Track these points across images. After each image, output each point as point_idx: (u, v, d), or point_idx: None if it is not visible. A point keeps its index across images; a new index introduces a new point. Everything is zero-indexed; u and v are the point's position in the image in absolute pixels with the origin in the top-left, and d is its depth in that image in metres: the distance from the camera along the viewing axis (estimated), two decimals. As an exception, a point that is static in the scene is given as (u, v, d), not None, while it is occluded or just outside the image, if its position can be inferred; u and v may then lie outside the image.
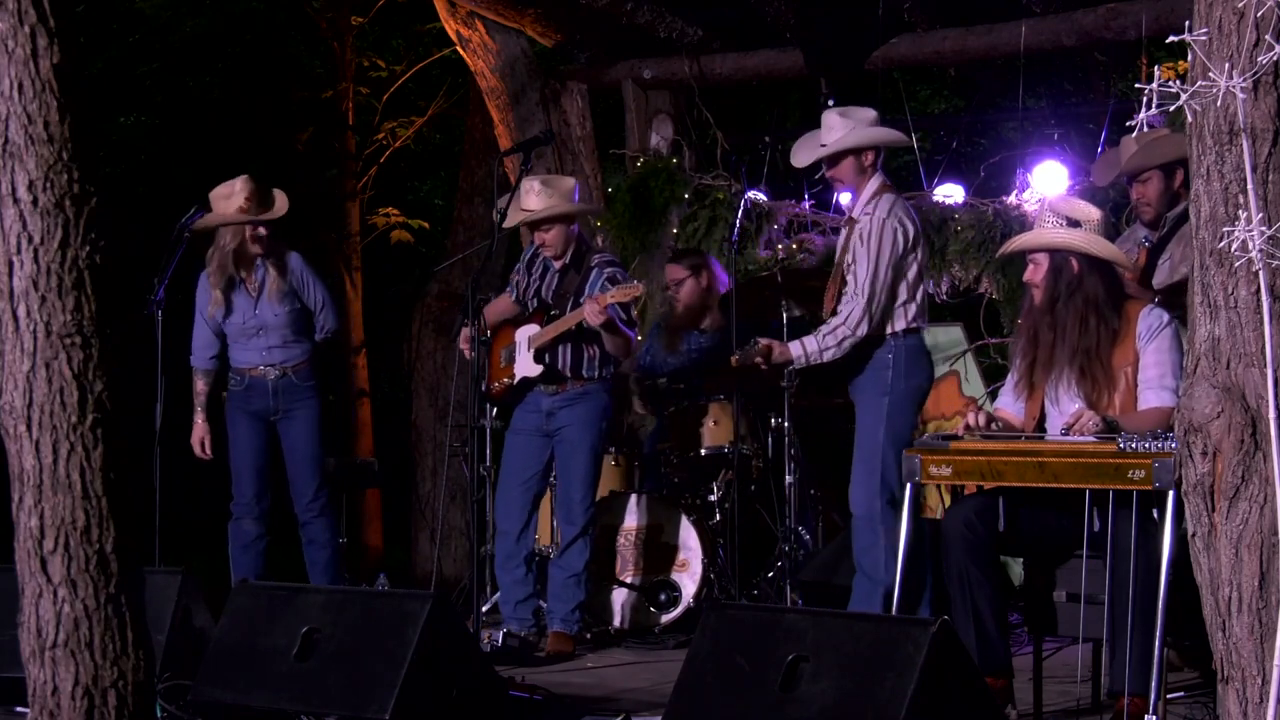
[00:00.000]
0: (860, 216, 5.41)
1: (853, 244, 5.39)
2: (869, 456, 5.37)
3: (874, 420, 5.38)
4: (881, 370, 5.38)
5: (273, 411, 6.35)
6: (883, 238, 5.32)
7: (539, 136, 6.38)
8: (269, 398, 6.34)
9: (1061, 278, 4.57)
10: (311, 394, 6.37)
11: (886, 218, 5.35)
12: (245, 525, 6.39)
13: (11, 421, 3.60)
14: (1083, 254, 4.58)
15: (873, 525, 5.34)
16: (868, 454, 5.38)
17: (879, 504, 5.32)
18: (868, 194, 5.44)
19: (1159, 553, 4.09)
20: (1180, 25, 3.18)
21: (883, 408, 5.36)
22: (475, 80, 8.38)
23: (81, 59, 3.66)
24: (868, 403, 5.40)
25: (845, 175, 5.49)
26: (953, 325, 7.39)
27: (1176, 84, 3.12)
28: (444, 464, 8.64)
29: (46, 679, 3.58)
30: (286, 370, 6.34)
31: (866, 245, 5.33)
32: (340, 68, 10.91)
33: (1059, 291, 4.57)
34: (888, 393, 5.37)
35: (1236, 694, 3.16)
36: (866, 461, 5.38)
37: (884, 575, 5.28)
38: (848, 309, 5.32)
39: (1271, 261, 3.08)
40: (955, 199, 7.40)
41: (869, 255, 5.32)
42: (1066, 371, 4.56)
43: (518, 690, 4.75)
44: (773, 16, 7.60)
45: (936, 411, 7.22)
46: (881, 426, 5.36)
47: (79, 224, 3.58)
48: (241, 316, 6.31)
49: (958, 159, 8.63)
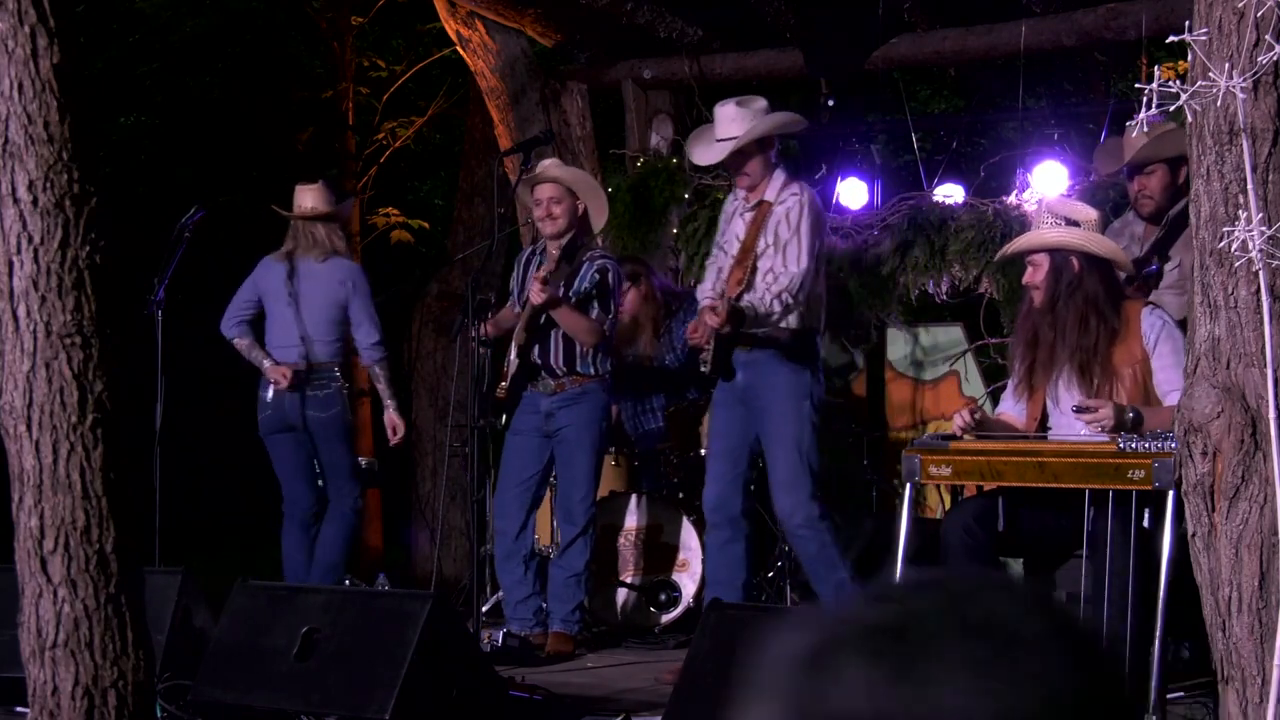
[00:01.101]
0: (782, 199, 5.43)
1: (773, 226, 5.40)
2: (794, 461, 5.37)
3: (796, 428, 5.38)
4: (802, 374, 5.42)
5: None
6: (810, 219, 5.39)
7: (539, 136, 6.38)
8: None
9: (1062, 277, 4.56)
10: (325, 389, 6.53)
11: (809, 202, 5.42)
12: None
13: (11, 421, 3.60)
14: (1083, 253, 4.57)
15: (815, 529, 5.37)
16: (792, 459, 5.37)
17: (817, 508, 5.37)
18: (779, 180, 5.50)
19: (1158, 552, 4.09)
20: (1180, 25, 3.18)
21: (804, 411, 5.39)
22: (475, 80, 8.38)
23: (81, 59, 3.66)
24: (787, 406, 5.39)
25: (754, 165, 5.48)
26: (953, 325, 7.39)
27: (1176, 84, 3.12)
28: (444, 464, 8.63)
29: (46, 679, 3.58)
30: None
31: (794, 226, 5.37)
32: (340, 68, 10.91)
33: (1059, 291, 4.56)
34: (808, 396, 5.41)
35: (1236, 694, 3.16)
36: (792, 466, 5.37)
37: (842, 571, 5.38)
38: (787, 277, 5.33)
39: (1271, 261, 3.08)
40: (955, 199, 7.40)
41: (802, 234, 5.36)
42: (1067, 370, 4.56)
43: (518, 690, 4.75)
44: (773, 16, 7.60)
45: (936, 411, 7.22)
46: (804, 431, 5.38)
47: (79, 224, 3.58)
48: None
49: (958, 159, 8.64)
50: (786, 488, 5.39)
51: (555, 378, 5.98)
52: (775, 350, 5.43)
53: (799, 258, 5.36)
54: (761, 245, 5.43)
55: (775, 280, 5.35)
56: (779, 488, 5.42)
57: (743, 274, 5.41)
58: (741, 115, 5.47)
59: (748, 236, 5.48)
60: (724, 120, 5.50)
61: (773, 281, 5.35)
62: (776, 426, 5.42)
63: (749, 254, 5.45)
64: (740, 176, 5.53)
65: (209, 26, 11.36)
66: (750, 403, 5.48)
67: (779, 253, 5.39)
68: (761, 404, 5.44)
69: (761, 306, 5.32)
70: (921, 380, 7.44)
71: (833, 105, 8.09)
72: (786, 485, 5.39)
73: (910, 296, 7.47)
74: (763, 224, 5.43)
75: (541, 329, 5.95)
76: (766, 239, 5.42)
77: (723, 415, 5.60)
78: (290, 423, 6.36)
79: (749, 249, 5.46)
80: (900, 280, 7.39)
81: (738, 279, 5.42)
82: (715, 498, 5.57)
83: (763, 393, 5.43)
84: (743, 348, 5.48)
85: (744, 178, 5.52)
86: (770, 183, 5.51)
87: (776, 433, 5.42)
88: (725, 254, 5.61)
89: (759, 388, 5.44)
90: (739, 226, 5.56)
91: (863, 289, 7.43)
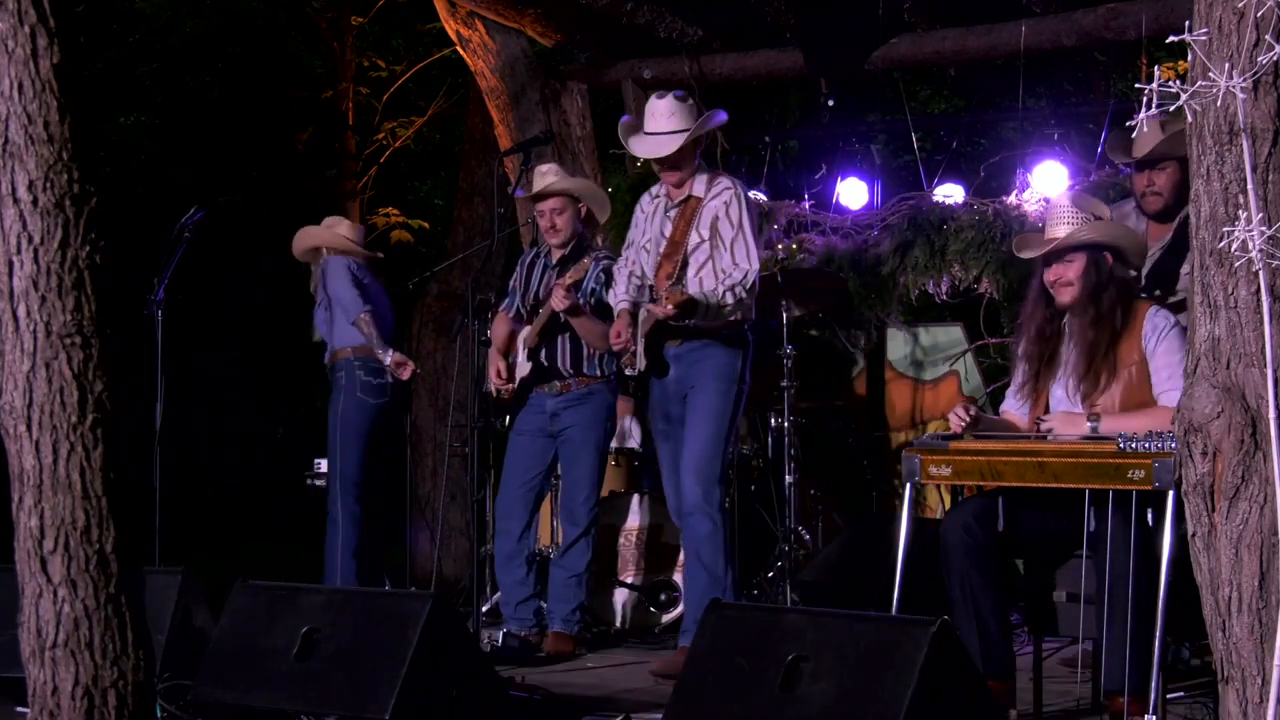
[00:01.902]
0: (714, 194, 5.41)
1: (708, 221, 5.38)
2: (709, 442, 5.32)
3: (721, 405, 5.34)
4: (736, 358, 5.39)
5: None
6: (750, 213, 5.39)
7: (539, 136, 6.37)
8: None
9: (1099, 274, 4.56)
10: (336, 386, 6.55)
11: (745, 195, 5.42)
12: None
13: (11, 421, 3.60)
14: (1115, 248, 4.58)
15: (710, 513, 5.32)
16: (708, 440, 5.32)
17: (718, 492, 5.32)
18: (704, 175, 5.50)
19: (1158, 552, 4.09)
20: (1180, 25, 3.18)
21: (732, 395, 5.36)
22: (475, 80, 8.38)
23: (81, 59, 3.66)
24: (718, 387, 5.35)
25: (687, 160, 5.48)
26: (953, 325, 7.40)
27: (1176, 84, 3.12)
28: (444, 464, 8.63)
29: (46, 679, 3.58)
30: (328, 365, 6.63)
31: (737, 222, 5.35)
32: (340, 68, 10.92)
33: (1095, 288, 4.55)
34: (738, 380, 5.38)
35: (1236, 694, 3.16)
36: (708, 447, 5.32)
37: (724, 571, 5.31)
38: (740, 273, 5.30)
39: (1271, 261, 3.08)
40: (955, 199, 7.40)
41: (746, 228, 5.36)
42: (1073, 369, 4.56)
43: (518, 690, 4.75)
44: (773, 16, 7.60)
45: (936, 411, 7.23)
46: (728, 413, 5.34)
47: (79, 224, 3.58)
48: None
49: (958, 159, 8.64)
50: (696, 468, 5.33)
51: (561, 379, 5.98)
52: (708, 339, 5.41)
53: (749, 255, 5.35)
54: (694, 240, 5.41)
55: (727, 276, 5.32)
56: (688, 465, 5.35)
57: (672, 268, 5.38)
58: (680, 110, 5.46)
59: (676, 231, 5.45)
60: (663, 114, 5.48)
61: (724, 277, 5.32)
62: (701, 403, 5.37)
63: (679, 249, 5.42)
64: (671, 172, 5.51)
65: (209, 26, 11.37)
66: (684, 392, 5.44)
67: (726, 250, 5.37)
68: (692, 385, 5.40)
69: (714, 298, 5.31)
70: (921, 380, 7.44)
71: (833, 105, 8.09)
72: (696, 466, 5.33)
73: (910, 296, 7.48)
74: (693, 219, 5.41)
75: (550, 331, 5.95)
76: (700, 234, 5.40)
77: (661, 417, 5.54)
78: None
79: (678, 243, 5.43)
80: (900, 280, 7.40)
81: (666, 273, 5.39)
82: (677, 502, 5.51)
83: (694, 378, 5.40)
84: (673, 341, 5.44)
85: (674, 174, 5.50)
86: (695, 179, 5.50)
87: (700, 409, 5.37)
88: (647, 253, 5.56)
89: (691, 375, 5.41)
90: (664, 224, 5.52)
91: (863, 289, 7.44)
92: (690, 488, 5.33)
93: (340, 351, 6.52)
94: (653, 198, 5.66)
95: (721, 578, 5.32)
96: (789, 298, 6.64)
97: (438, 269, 8.38)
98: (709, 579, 5.31)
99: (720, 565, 5.31)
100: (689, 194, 5.49)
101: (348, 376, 6.49)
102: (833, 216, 7.69)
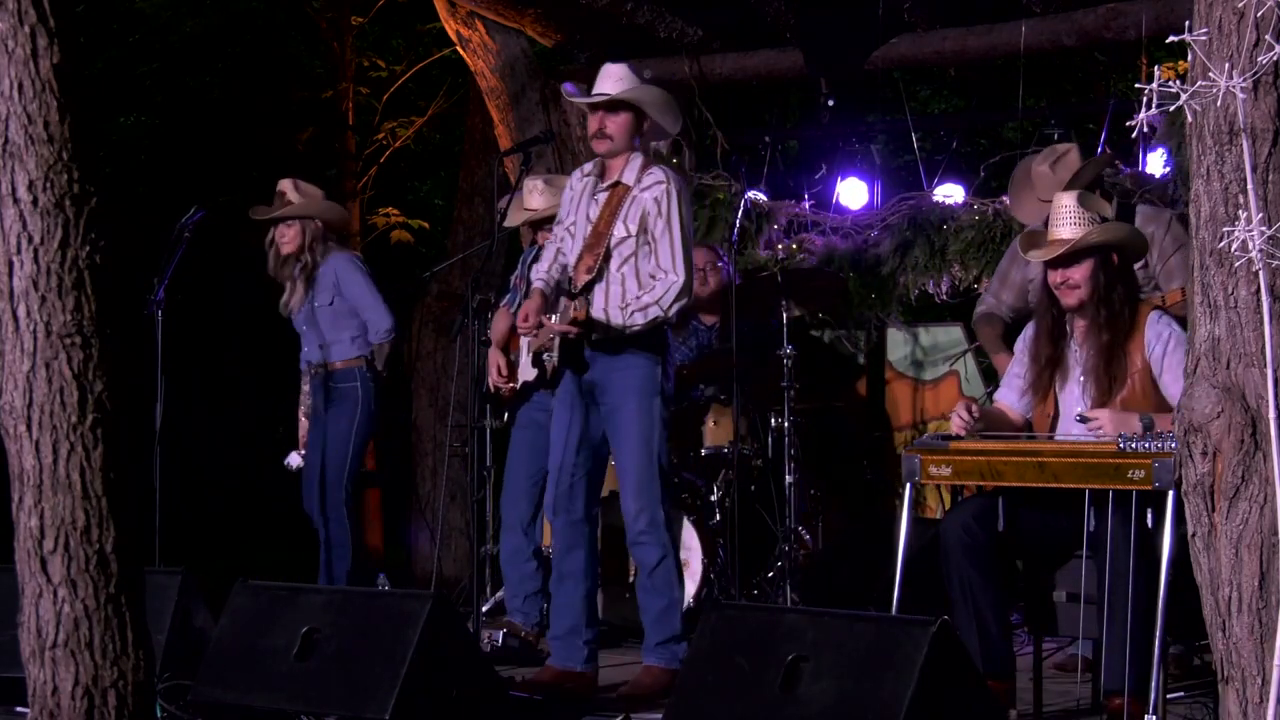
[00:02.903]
0: (645, 185, 5.04)
1: (635, 214, 5.03)
2: (643, 466, 5.03)
3: (645, 424, 5.02)
4: (653, 368, 5.06)
5: (319, 410, 6.41)
6: (686, 209, 5.05)
7: (539, 136, 6.37)
8: (316, 396, 6.43)
9: (1109, 273, 4.55)
10: (345, 397, 6.34)
11: (679, 190, 5.04)
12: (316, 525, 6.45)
13: (11, 421, 3.60)
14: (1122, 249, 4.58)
15: (658, 539, 5.06)
16: (641, 465, 5.03)
17: (661, 513, 5.06)
18: (638, 162, 5.09)
19: (1158, 552, 4.09)
20: (1180, 25, 3.18)
21: (655, 409, 5.04)
22: (475, 80, 8.38)
23: (81, 59, 3.66)
24: (638, 404, 5.03)
25: (621, 127, 5.06)
26: (953, 325, 7.40)
27: (1176, 84, 3.12)
28: (444, 464, 8.63)
29: (46, 679, 3.59)
30: (320, 370, 6.38)
31: (666, 215, 5.00)
32: (340, 68, 10.92)
33: (1108, 287, 4.54)
34: (658, 393, 5.06)
35: (1236, 694, 3.16)
36: (643, 470, 5.03)
37: (679, 592, 5.13)
38: (663, 287, 4.96)
39: (1271, 261, 3.08)
40: (955, 199, 7.40)
41: (677, 227, 5.00)
42: (1082, 372, 4.55)
43: (518, 690, 4.75)
44: (773, 16, 7.60)
45: (936, 411, 7.23)
46: (654, 429, 5.04)
47: (79, 224, 3.58)
48: (299, 308, 6.44)
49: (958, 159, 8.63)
50: (635, 490, 5.05)
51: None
52: (622, 348, 5.05)
53: (675, 260, 5.00)
54: (619, 233, 5.04)
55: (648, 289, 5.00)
56: (628, 491, 5.07)
57: (593, 261, 5.04)
58: (630, 76, 5.08)
59: (600, 221, 5.08)
60: (613, 75, 5.09)
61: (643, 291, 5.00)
62: (624, 427, 5.05)
63: (601, 240, 5.06)
64: (601, 140, 5.07)
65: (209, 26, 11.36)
66: (597, 399, 5.12)
67: (652, 252, 5.03)
68: (609, 402, 5.09)
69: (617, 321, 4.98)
70: (921, 380, 7.44)
71: (833, 105, 8.08)
72: (635, 488, 5.05)
73: (910, 296, 7.48)
74: (619, 209, 5.05)
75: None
76: (627, 227, 5.03)
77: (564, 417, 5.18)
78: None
79: (602, 235, 5.07)
80: (900, 280, 7.40)
81: (588, 266, 5.05)
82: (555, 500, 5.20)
83: (610, 396, 5.08)
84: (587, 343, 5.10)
85: (604, 142, 5.06)
86: (629, 164, 5.09)
87: (626, 431, 5.05)
88: (571, 237, 5.21)
89: (607, 391, 5.09)
90: (590, 208, 5.14)
91: (863, 289, 7.44)
92: (631, 510, 5.08)
93: (352, 360, 6.37)
94: (583, 175, 5.25)
95: (679, 600, 5.14)
96: (789, 298, 6.63)
97: (438, 269, 8.38)
98: (666, 603, 5.11)
99: (675, 588, 5.11)
100: (618, 179, 5.09)
101: (362, 387, 6.36)
102: (833, 216, 7.69)
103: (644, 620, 5.16)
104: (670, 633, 5.12)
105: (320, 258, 6.42)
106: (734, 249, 6.55)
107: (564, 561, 5.17)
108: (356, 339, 6.38)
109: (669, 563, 5.11)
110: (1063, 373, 4.63)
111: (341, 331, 6.37)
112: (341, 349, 6.38)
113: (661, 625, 5.13)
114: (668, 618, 5.12)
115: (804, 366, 6.77)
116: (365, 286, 6.37)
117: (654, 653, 5.14)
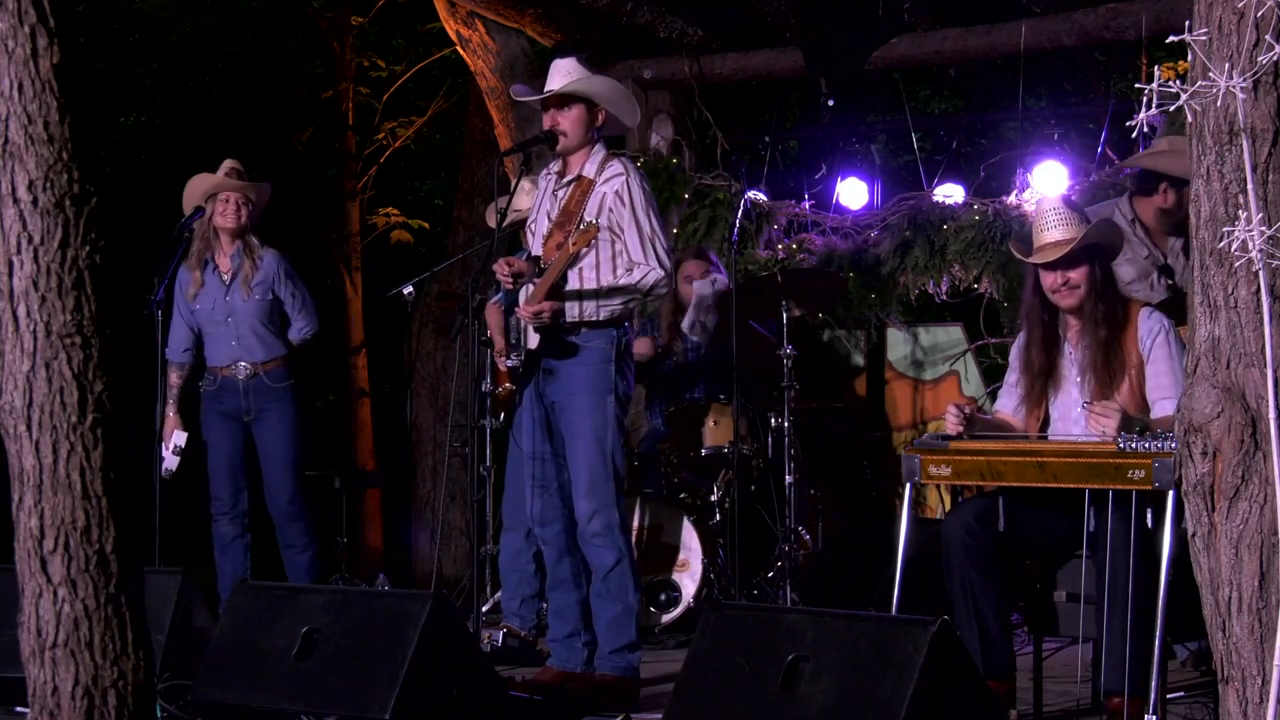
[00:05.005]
0: (606, 177, 4.98)
1: (596, 206, 4.95)
2: (597, 467, 4.93)
3: (598, 422, 4.93)
4: (605, 364, 4.97)
5: (245, 412, 6.37)
6: (650, 199, 4.99)
7: (539, 136, 6.34)
8: (240, 398, 6.36)
9: (1105, 270, 4.59)
10: (285, 395, 6.38)
11: (640, 180, 5.00)
12: (223, 527, 6.40)
13: (11, 421, 3.60)
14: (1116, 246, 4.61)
15: (613, 542, 4.95)
16: (594, 465, 4.93)
17: (616, 515, 4.96)
18: (599, 155, 5.04)
19: (1158, 552, 4.09)
20: (1180, 25, 3.18)
21: (609, 407, 4.95)
22: (475, 80, 8.38)
23: (81, 59, 3.66)
24: (590, 403, 4.94)
25: (571, 123, 5.01)
26: (953, 325, 7.41)
27: (1176, 84, 3.12)
28: (444, 464, 8.64)
29: (46, 679, 3.59)
30: (258, 369, 6.35)
31: (631, 208, 4.94)
32: (340, 68, 10.92)
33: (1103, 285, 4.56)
34: (612, 390, 4.97)
35: (1236, 694, 3.16)
36: (597, 471, 4.93)
37: (633, 595, 5.01)
38: (640, 273, 4.92)
39: (1271, 261, 3.08)
40: (955, 199, 7.41)
41: (641, 216, 4.94)
42: (1089, 362, 4.56)
43: (518, 690, 4.75)
44: (773, 16, 7.60)
45: (936, 411, 7.24)
46: (608, 428, 4.94)
47: (79, 224, 3.58)
48: (212, 301, 6.36)
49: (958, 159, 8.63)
50: (588, 491, 4.95)
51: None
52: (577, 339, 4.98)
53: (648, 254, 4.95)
54: (581, 223, 4.95)
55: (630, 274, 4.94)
56: (579, 491, 4.97)
57: (563, 237, 4.96)
58: (578, 69, 5.03)
59: (571, 201, 5.03)
60: (559, 71, 5.04)
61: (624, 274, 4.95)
62: (576, 425, 4.96)
63: (573, 218, 4.99)
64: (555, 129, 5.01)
65: (209, 26, 11.35)
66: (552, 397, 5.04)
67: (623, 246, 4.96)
68: (561, 400, 5.00)
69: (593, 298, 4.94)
70: (921, 380, 7.45)
71: (833, 105, 8.09)
72: (588, 489, 4.95)
73: (910, 296, 7.49)
74: (583, 202, 5.00)
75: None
76: (594, 219, 4.95)
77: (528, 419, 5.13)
78: None
79: (573, 213, 5.00)
80: (900, 280, 7.41)
81: (557, 241, 4.97)
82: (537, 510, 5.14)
83: (561, 393, 5.00)
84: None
85: (560, 137, 5.01)
86: (590, 158, 5.04)
87: (578, 430, 4.95)
88: (532, 235, 5.14)
89: (559, 385, 5.00)
90: (552, 205, 5.10)
91: (863, 289, 7.45)
92: (585, 511, 4.98)
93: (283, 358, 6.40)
94: (547, 174, 5.21)
95: (634, 606, 5.02)
96: (789, 298, 6.64)
97: (438, 269, 8.37)
98: (622, 609, 5.00)
99: (630, 593, 4.99)
100: (579, 173, 5.04)
101: (296, 385, 6.41)
102: (833, 216, 7.69)
103: (596, 627, 5.02)
104: (625, 640, 5.00)
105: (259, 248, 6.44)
106: (734, 249, 6.55)
107: (556, 569, 5.13)
108: (281, 336, 6.43)
109: (624, 566, 4.97)
110: (1055, 381, 4.63)
111: (274, 327, 6.41)
112: (275, 346, 6.41)
113: (615, 633, 5.00)
114: (622, 625, 5.00)
115: (804, 366, 6.78)
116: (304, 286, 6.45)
117: (608, 660, 5.02)
